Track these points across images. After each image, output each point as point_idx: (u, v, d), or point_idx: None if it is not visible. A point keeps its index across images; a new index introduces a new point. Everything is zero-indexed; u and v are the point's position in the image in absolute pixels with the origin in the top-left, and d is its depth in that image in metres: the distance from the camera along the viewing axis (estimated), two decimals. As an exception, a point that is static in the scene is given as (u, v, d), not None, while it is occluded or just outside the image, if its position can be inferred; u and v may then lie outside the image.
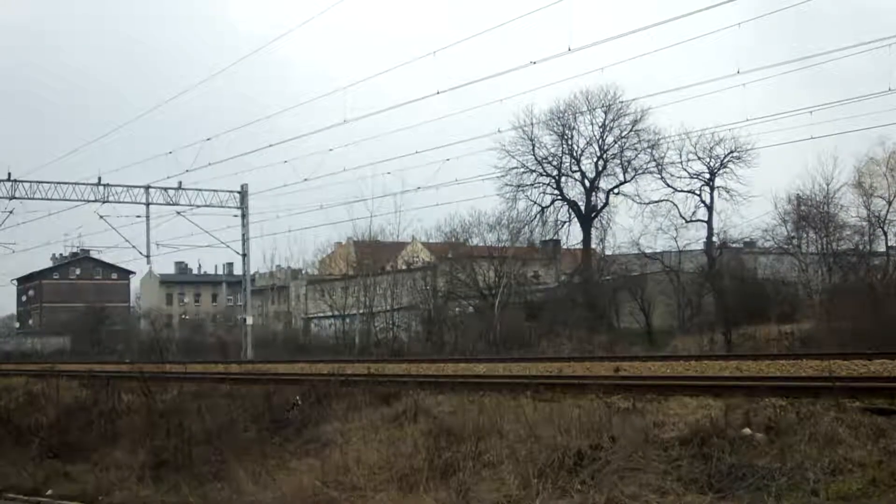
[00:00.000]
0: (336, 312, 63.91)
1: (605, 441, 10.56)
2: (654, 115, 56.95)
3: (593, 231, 60.38)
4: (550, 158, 60.48)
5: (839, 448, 9.28)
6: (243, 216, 51.11)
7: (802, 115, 34.75)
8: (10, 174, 45.73)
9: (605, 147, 59.88)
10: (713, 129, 55.73)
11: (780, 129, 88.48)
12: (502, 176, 58.81)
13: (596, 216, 60.31)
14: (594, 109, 57.92)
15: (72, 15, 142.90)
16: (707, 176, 55.62)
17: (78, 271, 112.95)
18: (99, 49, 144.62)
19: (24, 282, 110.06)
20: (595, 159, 60.25)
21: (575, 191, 60.93)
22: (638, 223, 66.06)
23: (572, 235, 62.21)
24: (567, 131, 59.95)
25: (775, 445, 9.54)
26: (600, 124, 59.45)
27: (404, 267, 65.92)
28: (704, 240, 56.24)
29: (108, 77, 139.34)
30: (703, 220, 56.27)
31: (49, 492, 16.75)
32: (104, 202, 47.20)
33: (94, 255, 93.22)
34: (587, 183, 60.37)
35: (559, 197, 60.63)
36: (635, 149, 58.62)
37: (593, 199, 60.35)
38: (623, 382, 14.92)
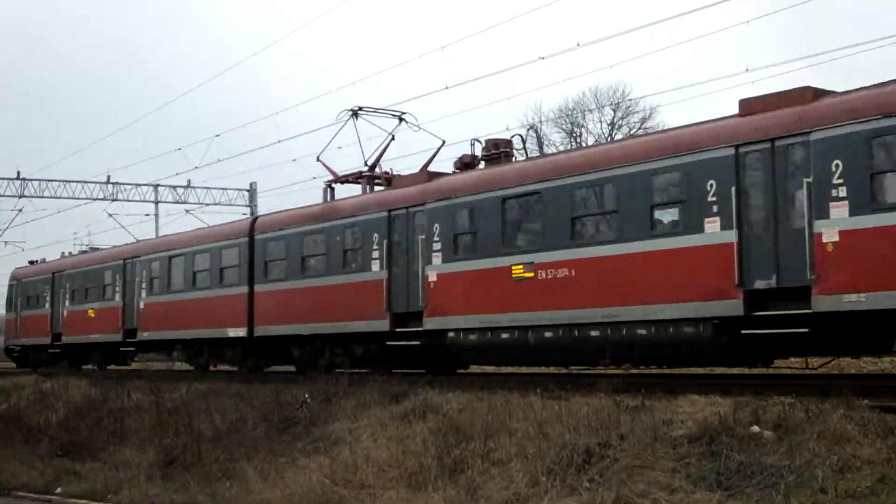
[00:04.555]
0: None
1: (614, 439, 10.56)
2: (663, 113, 56.73)
3: (602, 229, 60.16)
4: (559, 156, 60.36)
5: (848, 446, 9.27)
6: (252, 214, 51.14)
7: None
8: (18, 172, 45.93)
9: (614, 145, 59.72)
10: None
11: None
12: (511, 174, 58.57)
13: (604, 214, 60.06)
14: (603, 107, 57.80)
15: (73, 15, 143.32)
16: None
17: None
18: (104, 49, 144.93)
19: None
20: (604, 157, 60.07)
21: (584, 189, 60.74)
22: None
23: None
24: (576, 129, 59.86)
25: (784, 443, 9.53)
26: (609, 122, 59.33)
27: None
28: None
29: (116, 75, 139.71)
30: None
31: (58, 490, 16.81)
32: (113, 200, 47.36)
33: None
34: (596, 181, 60.17)
35: (568, 195, 60.41)
36: (645, 147, 58.43)
37: (602, 197, 60.11)
38: (632, 380, 14.91)
